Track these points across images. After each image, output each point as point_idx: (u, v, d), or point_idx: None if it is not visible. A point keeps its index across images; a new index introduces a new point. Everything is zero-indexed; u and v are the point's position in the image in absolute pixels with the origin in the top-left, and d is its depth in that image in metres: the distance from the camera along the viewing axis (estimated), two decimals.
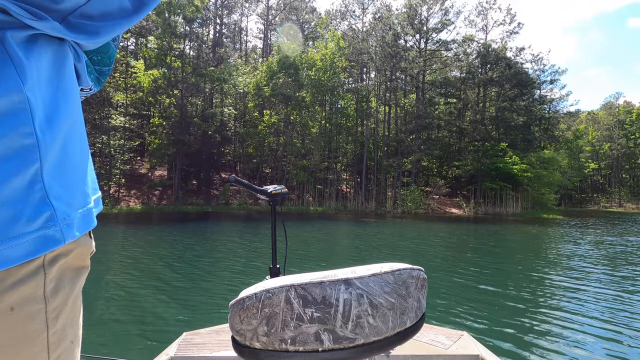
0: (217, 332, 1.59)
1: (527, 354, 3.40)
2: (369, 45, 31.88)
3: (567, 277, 7.04)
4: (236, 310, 0.68)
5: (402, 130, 32.09)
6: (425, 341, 1.48)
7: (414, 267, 0.74)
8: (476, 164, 29.30)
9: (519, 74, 31.58)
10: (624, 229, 18.79)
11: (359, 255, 9.01)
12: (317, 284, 0.65)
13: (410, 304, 0.71)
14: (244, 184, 1.41)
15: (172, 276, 6.15)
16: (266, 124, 27.13)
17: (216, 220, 18.05)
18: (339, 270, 0.70)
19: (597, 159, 51.76)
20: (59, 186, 0.38)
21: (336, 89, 29.52)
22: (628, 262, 8.72)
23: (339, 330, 0.64)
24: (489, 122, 31.71)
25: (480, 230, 16.74)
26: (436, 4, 31.49)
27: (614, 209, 48.07)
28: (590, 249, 10.90)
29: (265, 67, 27.51)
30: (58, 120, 0.38)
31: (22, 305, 0.35)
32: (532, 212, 28.80)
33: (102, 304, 4.58)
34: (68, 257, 0.40)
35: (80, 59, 0.45)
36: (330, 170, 29.86)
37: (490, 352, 1.43)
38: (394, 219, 21.95)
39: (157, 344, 3.28)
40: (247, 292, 0.69)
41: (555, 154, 32.00)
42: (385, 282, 0.68)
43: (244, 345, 0.69)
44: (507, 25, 34.38)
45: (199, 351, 1.41)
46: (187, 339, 1.52)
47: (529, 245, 12.24)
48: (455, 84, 33.37)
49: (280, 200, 1.50)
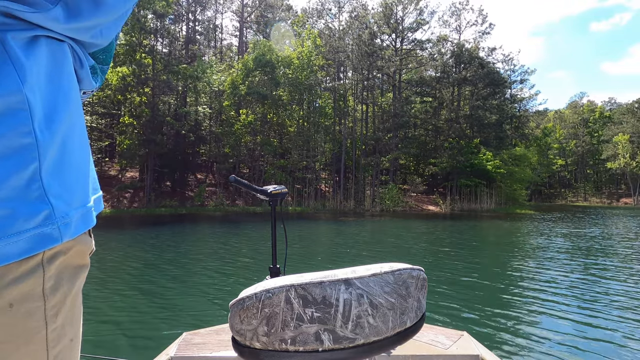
0: (217, 332, 1.58)
1: (527, 354, 3.35)
2: (346, 44, 31.86)
3: (549, 270, 7.13)
4: (236, 310, 0.68)
5: (379, 129, 32.27)
6: (425, 341, 1.48)
7: (414, 267, 0.74)
8: (452, 161, 29.86)
9: (491, 74, 32.44)
10: (593, 222, 19.61)
11: (342, 254, 8.82)
12: (317, 284, 0.65)
13: (410, 304, 0.71)
14: (243, 184, 1.42)
15: (165, 277, 6.13)
16: (242, 123, 26.54)
17: (192, 222, 17.45)
18: (339, 270, 0.70)
19: (564, 155, 54.15)
20: (58, 185, 0.38)
21: (314, 87, 29.30)
22: (610, 254, 8.98)
23: (339, 330, 0.65)
24: (464, 120, 32.41)
25: (459, 226, 16.97)
26: (411, 3, 31.85)
27: (580, 203, 50.45)
28: (574, 243, 11.23)
29: (240, 65, 26.89)
30: (57, 120, 0.39)
31: (21, 302, 0.36)
32: (506, 207, 29.68)
33: (101, 304, 4.54)
34: (67, 255, 0.40)
35: (83, 65, 0.45)
36: (308, 170, 29.62)
37: (490, 352, 1.42)
38: (373, 217, 21.98)
39: (157, 344, 3.22)
40: (247, 292, 0.69)
41: (525, 151, 33.13)
42: (385, 282, 0.68)
43: (244, 345, 0.69)
44: (479, 25, 35.31)
45: (199, 351, 1.40)
46: (187, 339, 1.52)
47: (509, 240, 12.47)
48: (430, 83, 33.90)
49: (280, 200, 1.51)
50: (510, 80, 37.07)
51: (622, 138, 49.59)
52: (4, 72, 0.33)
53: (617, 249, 10.15)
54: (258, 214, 22.42)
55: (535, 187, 44.94)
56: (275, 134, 29.87)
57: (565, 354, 3.38)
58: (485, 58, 33.90)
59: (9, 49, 0.34)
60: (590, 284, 6.11)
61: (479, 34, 35.13)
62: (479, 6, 53.27)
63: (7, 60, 0.34)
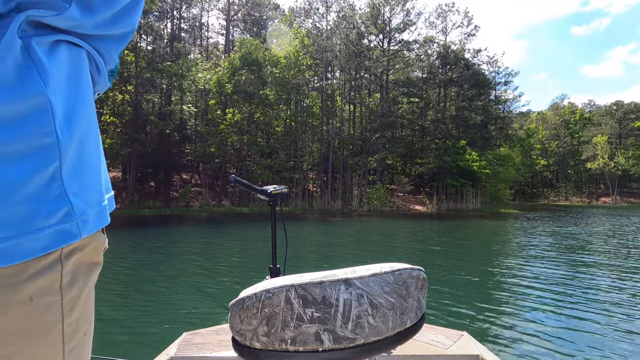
0: (217, 332, 1.58)
1: (527, 353, 3.34)
2: (333, 44, 31.80)
3: (540, 267, 7.17)
4: (236, 310, 0.68)
5: (367, 129, 32.32)
6: (425, 341, 1.48)
7: (414, 267, 0.74)
8: (438, 161, 30.14)
9: (476, 75, 32.90)
10: (576, 221, 20.03)
11: (331, 255, 8.70)
12: (317, 284, 0.65)
13: (410, 304, 0.71)
14: (243, 184, 1.44)
15: (162, 278, 6.10)
16: (229, 122, 26.16)
17: (178, 223, 17.06)
18: (339, 270, 0.70)
19: (546, 156, 55.42)
20: (76, 184, 0.40)
21: (301, 87, 29.12)
22: (600, 252, 9.11)
23: (339, 330, 0.65)
24: (450, 121, 32.77)
25: (446, 226, 17.08)
26: (398, 4, 32.03)
27: (562, 202, 51.74)
28: (562, 241, 11.42)
29: (226, 64, 26.49)
30: (76, 121, 0.40)
31: (40, 296, 0.37)
32: (491, 207, 30.13)
33: (101, 305, 4.53)
34: (83, 251, 0.42)
35: (100, 71, 0.47)
36: (296, 170, 29.42)
37: (490, 352, 1.42)
38: (360, 217, 21.95)
39: (157, 344, 3.23)
40: (247, 292, 0.69)
41: (510, 151, 33.73)
42: (385, 282, 0.68)
43: (244, 345, 0.69)
44: (465, 27, 35.71)
45: (199, 351, 1.40)
46: (187, 339, 1.52)
47: (498, 239, 12.60)
48: (417, 83, 34.16)
49: (281, 200, 1.50)
50: (495, 81, 37.71)
51: (601, 139, 51.08)
52: (29, 76, 0.35)
53: (603, 246, 10.34)
54: (245, 215, 22.12)
55: (519, 186, 45.87)
56: (263, 134, 29.56)
57: (565, 353, 3.38)
58: (470, 59, 34.37)
59: (33, 54, 0.35)
60: (583, 281, 6.21)
61: (464, 35, 35.61)
62: (465, 8, 54.14)
63: (31, 65, 0.35)
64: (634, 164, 49.35)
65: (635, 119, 52.82)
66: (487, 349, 1.45)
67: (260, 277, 1.25)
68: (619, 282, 6.05)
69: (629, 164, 49.48)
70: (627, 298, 5.17)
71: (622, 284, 5.97)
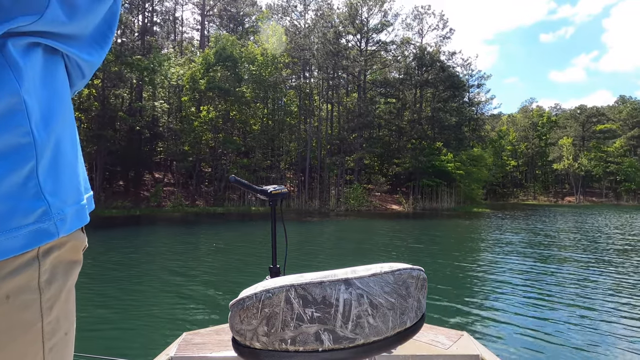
0: (217, 332, 1.58)
1: (527, 353, 3.33)
2: (311, 42, 31.55)
3: (515, 264, 7.24)
4: (236, 310, 0.68)
5: (344, 129, 32.30)
6: (425, 341, 1.48)
7: (414, 267, 0.74)
8: (414, 161, 30.54)
9: (451, 77, 33.58)
10: (547, 220, 20.76)
11: (311, 253, 8.45)
12: (317, 284, 0.66)
13: (410, 304, 0.71)
14: (243, 184, 1.46)
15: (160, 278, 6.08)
16: (203, 119, 25.37)
17: (150, 224, 16.31)
18: (339, 270, 0.70)
19: (516, 157, 57.54)
20: (53, 183, 0.40)
21: (278, 85, 28.69)
22: (585, 249, 9.33)
23: (339, 330, 0.65)
24: (425, 121, 33.29)
25: (424, 225, 17.23)
26: (376, 5, 32.19)
27: (530, 202, 53.88)
28: (542, 239, 11.68)
29: (201, 59, 25.68)
30: (53, 121, 0.41)
31: (18, 294, 0.37)
32: (464, 206, 30.86)
33: (101, 305, 4.51)
34: (61, 250, 0.42)
35: (84, 76, 0.48)
36: (273, 169, 28.97)
37: (490, 352, 1.43)
38: (338, 217, 21.85)
39: (157, 344, 3.22)
40: (247, 292, 0.69)
41: (482, 152, 34.67)
42: (385, 282, 0.69)
43: (244, 345, 0.69)
44: (440, 30, 36.40)
45: (199, 351, 1.40)
46: (187, 339, 1.52)
47: (478, 236, 12.78)
48: (394, 84, 34.48)
49: (281, 200, 1.51)
50: (469, 84, 38.65)
51: (566, 141, 53.61)
52: (3, 76, 0.35)
53: (589, 244, 10.65)
54: (220, 215, 21.51)
55: (491, 186, 47.32)
56: (239, 132, 28.90)
57: (566, 352, 3.38)
58: (445, 62, 35.04)
59: (7, 55, 0.36)
60: (581, 279, 6.29)
61: (440, 38, 36.28)
62: (440, 11, 55.37)
63: (5, 65, 0.35)
64: (596, 165, 52.11)
65: (597, 122, 55.80)
66: (487, 349, 1.45)
67: (259, 277, 1.22)
68: (618, 282, 6.15)
69: (591, 165, 52.20)
70: (627, 298, 5.23)
71: (621, 283, 6.07)
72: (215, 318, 4.01)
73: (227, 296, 4.96)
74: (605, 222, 18.95)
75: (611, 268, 7.24)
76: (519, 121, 60.13)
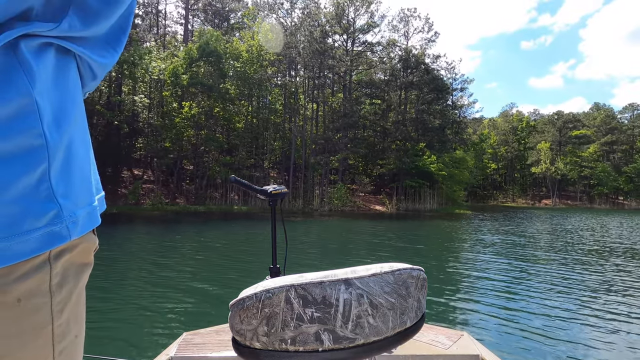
0: (217, 332, 1.58)
1: (527, 353, 3.32)
2: (297, 40, 31.33)
3: (501, 263, 7.28)
4: (236, 310, 0.69)
5: (329, 128, 32.23)
6: (425, 341, 1.48)
7: (414, 267, 0.74)
8: (398, 162, 30.76)
9: (435, 80, 33.98)
10: (528, 221, 21.24)
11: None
12: (317, 284, 0.66)
13: (410, 304, 0.72)
14: (243, 184, 1.47)
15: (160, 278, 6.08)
16: (185, 116, 24.78)
17: (127, 222, 15.75)
18: (339, 270, 0.70)
19: (496, 160, 58.94)
20: (65, 185, 0.40)
21: (263, 82, 28.34)
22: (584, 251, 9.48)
23: (339, 330, 0.65)
24: (410, 123, 33.59)
25: (409, 225, 17.31)
26: (362, 6, 32.25)
27: (509, 204, 55.28)
28: (529, 240, 11.82)
29: (183, 54, 25.07)
30: (65, 122, 0.40)
31: (29, 298, 0.37)
32: (446, 207, 31.30)
33: (101, 305, 4.50)
34: (73, 252, 0.42)
35: (96, 77, 0.48)
36: (257, 168, 28.61)
37: (491, 352, 1.43)
38: (322, 216, 21.75)
39: (157, 344, 3.27)
40: (247, 292, 0.69)
41: (464, 154, 35.27)
42: (385, 282, 0.69)
43: (244, 345, 0.70)
44: (426, 33, 36.78)
45: (199, 351, 1.40)
46: (187, 339, 1.52)
47: (461, 237, 12.87)
48: (379, 85, 34.65)
49: (281, 200, 1.51)
50: (452, 87, 39.25)
51: (544, 146, 55.29)
52: (15, 78, 0.35)
53: (575, 245, 10.87)
54: (201, 214, 21.05)
55: (472, 188, 48.28)
56: (222, 130, 28.40)
57: (566, 351, 3.38)
58: (430, 64, 35.45)
59: (20, 57, 0.35)
60: (578, 277, 6.40)
61: (425, 41, 36.67)
62: (426, 14, 56.06)
63: (18, 66, 0.35)
64: (571, 169, 53.95)
65: (573, 128, 57.80)
66: (487, 349, 1.45)
67: (259, 277, 1.21)
68: (616, 281, 6.25)
69: (567, 169, 54.00)
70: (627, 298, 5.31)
71: (617, 283, 6.18)
72: (215, 318, 3.96)
73: (227, 296, 4.95)
74: (596, 225, 19.52)
75: (598, 268, 7.40)
76: (500, 125, 61.58)
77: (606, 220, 24.04)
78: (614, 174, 53.04)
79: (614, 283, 6.14)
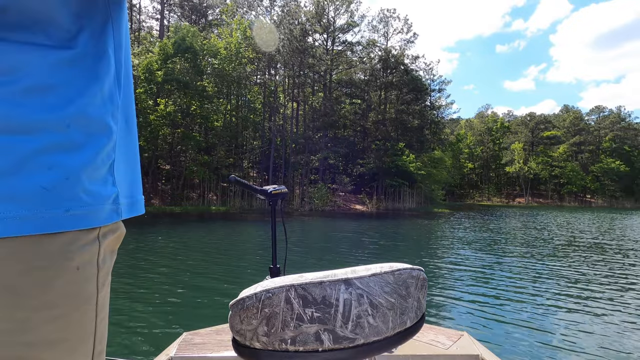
0: (217, 332, 1.58)
1: (527, 353, 3.28)
2: (277, 38, 30.90)
3: (487, 260, 7.25)
4: (236, 310, 0.69)
5: (309, 128, 32.00)
6: (426, 341, 1.48)
7: (414, 267, 0.75)
8: (378, 162, 30.90)
9: (414, 80, 34.38)
10: (505, 219, 21.73)
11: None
12: (317, 284, 0.66)
13: (410, 304, 0.72)
14: (243, 184, 1.45)
15: (161, 278, 6.05)
16: (160, 113, 23.93)
17: None
18: (339, 270, 0.71)
19: (473, 159, 60.45)
20: (119, 175, 0.47)
21: (242, 80, 27.78)
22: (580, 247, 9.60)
23: (339, 330, 0.66)
24: (389, 123, 33.83)
25: (390, 224, 17.31)
26: (342, 5, 32.20)
27: (485, 202, 56.81)
28: (507, 236, 11.93)
29: (158, 49, 24.20)
30: (132, 121, 0.48)
31: (85, 267, 0.41)
32: (425, 206, 31.72)
33: None
34: (112, 236, 0.46)
35: None
36: (236, 167, 28.03)
37: (490, 352, 1.43)
38: (302, 216, 21.50)
39: (157, 344, 3.28)
40: (247, 292, 0.70)
41: (442, 154, 35.88)
42: (385, 282, 0.69)
43: (244, 345, 0.70)
44: (405, 34, 37.23)
45: (199, 351, 1.41)
46: (187, 339, 1.52)
47: (439, 234, 12.91)
48: (360, 85, 34.73)
49: (281, 200, 1.51)
50: (430, 88, 39.86)
51: (518, 146, 57.16)
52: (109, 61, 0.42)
53: (562, 241, 11.06)
54: (177, 214, 20.35)
55: (449, 187, 49.25)
56: (200, 128, 27.65)
57: (566, 351, 3.35)
58: (409, 65, 35.84)
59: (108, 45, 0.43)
60: (576, 276, 6.38)
61: (404, 41, 37.04)
62: (405, 15, 56.73)
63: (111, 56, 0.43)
64: (543, 169, 56.02)
65: (544, 129, 60.05)
66: (487, 349, 1.45)
67: (259, 277, 0.96)
68: (614, 281, 6.25)
69: (539, 168, 56.04)
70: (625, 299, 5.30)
71: (620, 283, 6.18)
72: (215, 318, 3.86)
73: (227, 296, 4.89)
74: (580, 223, 20.11)
75: (582, 262, 7.50)
76: (476, 126, 63.20)
77: (602, 218, 24.92)
78: (582, 174, 55.49)
79: (614, 281, 6.19)
